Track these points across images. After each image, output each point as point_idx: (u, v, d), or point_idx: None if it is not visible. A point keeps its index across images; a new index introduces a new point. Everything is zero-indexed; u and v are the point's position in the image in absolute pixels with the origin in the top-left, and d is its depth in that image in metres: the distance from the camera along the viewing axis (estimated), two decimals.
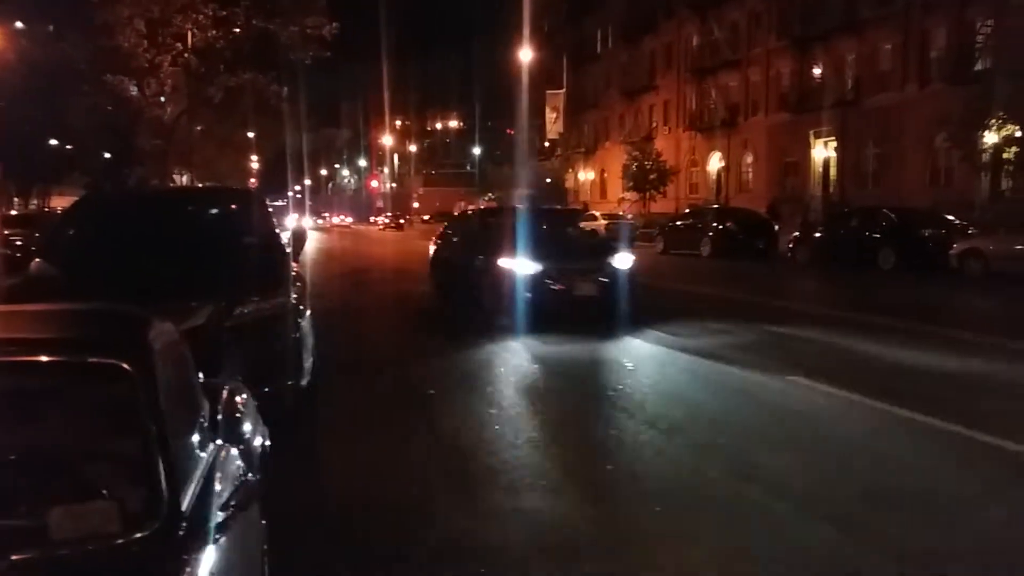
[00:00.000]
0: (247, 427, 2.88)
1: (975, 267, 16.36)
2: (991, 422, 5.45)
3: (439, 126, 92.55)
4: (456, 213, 39.90)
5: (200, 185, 30.05)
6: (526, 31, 46.59)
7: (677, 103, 46.05)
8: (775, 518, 3.96)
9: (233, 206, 7.22)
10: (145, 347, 2.14)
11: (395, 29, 74.72)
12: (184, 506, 1.91)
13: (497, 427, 5.59)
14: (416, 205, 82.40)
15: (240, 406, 2.96)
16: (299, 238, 7.00)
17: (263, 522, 2.61)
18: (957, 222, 19.64)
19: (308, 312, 6.05)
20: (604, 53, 54.27)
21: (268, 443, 3.09)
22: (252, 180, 49.46)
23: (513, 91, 55.47)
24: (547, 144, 59.10)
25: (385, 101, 76.89)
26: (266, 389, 4.35)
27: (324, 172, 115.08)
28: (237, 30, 26.44)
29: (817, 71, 34.20)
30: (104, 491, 1.88)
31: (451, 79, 79.20)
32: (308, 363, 5.76)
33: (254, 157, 47.92)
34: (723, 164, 41.05)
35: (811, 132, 35.36)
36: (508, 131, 66.35)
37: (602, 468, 4.73)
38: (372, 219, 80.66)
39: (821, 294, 15.50)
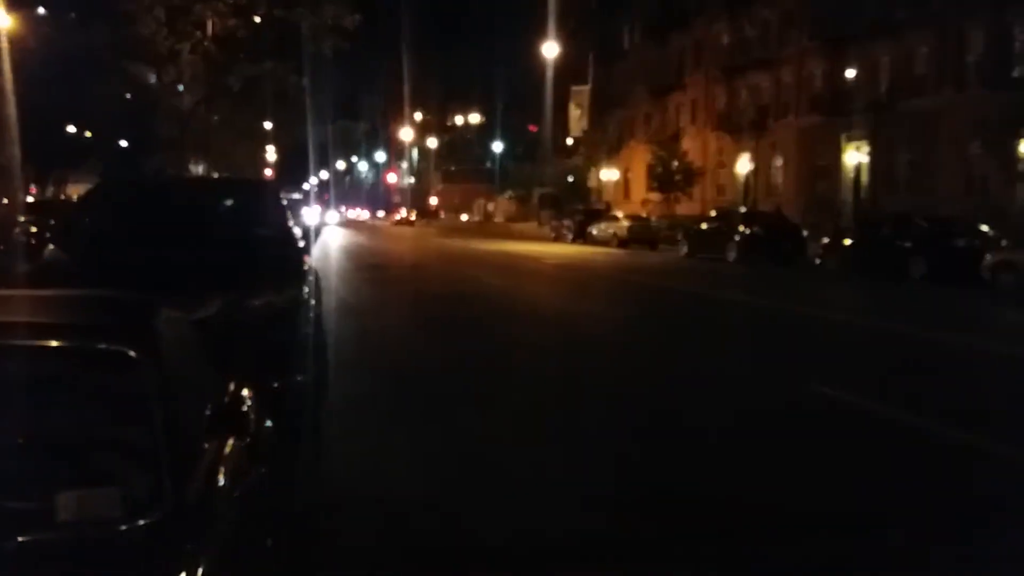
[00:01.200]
0: (254, 420, 2.83)
1: (1008, 280, 15.64)
2: None
3: (460, 121, 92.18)
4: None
5: (216, 176, 29.92)
6: (551, 25, 46.11)
7: (705, 103, 45.27)
8: None
9: (248, 198, 7.25)
10: (153, 335, 2.19)
11: (417, 21, 74.52)
12: (188, 495, 1.93)
13: None
14: (434, 201, 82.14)
15: (248, 399, 2.92)
16: (315, 232, 6.68)
17: (270, 516, 2.61)
18: (991, 233, 19.00)
19: (321, 307, 5.74)
20: (631, 50, 53.54)
21: (275, 437, 3.05)
22: (268, 171, 49.33)
23: (537, 87, 54.97)
24: (570, 142, 58.45)
25: (405, 94, 76.63)
26: (275, 384, 4.34)
27: (342, 165, 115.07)
28: (257, 19, 26.12)
29: (850, 73, 33.33)
30: (110, 477, 1.91)
31: (473, 74, 78.64)
32: (319, 358, 5.71)
33: (270, 148, 47.77)
34: (752, 167, 40.25)
35: (843, 136, 34.57)
36: (531, 127, 65.80)
37: None
38: (381, 214, 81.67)
39: (839, 303, 14.90)
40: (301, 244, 6.52)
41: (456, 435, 5.40)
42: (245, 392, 2.97)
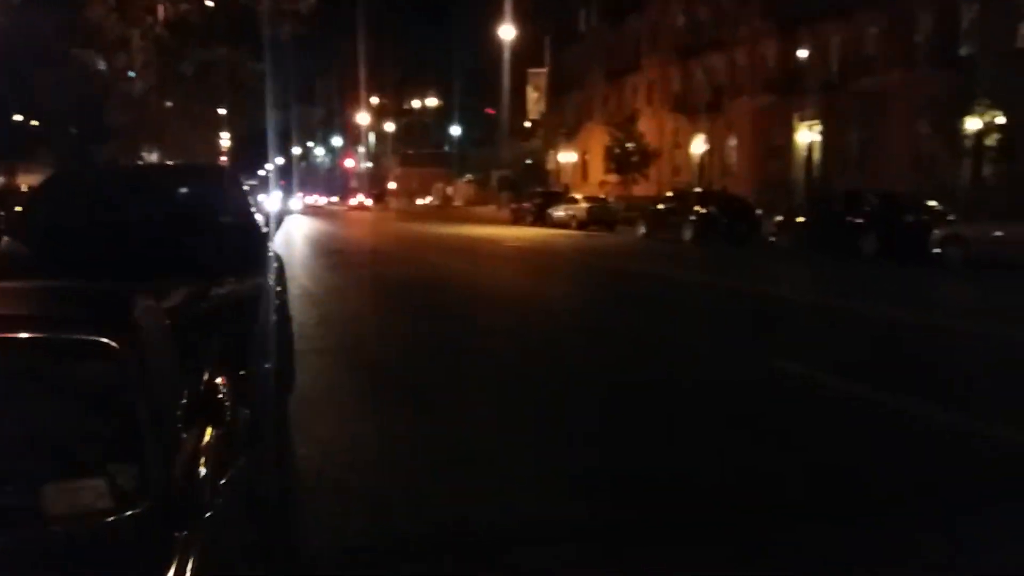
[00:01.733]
0: (229, 408, 2.82)
1: (955, 254, 16.23)
2: None
3: (417, 105, 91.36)
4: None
5: (174, 163, 29.45)
6: (508, 8, 45.99)
7: (661, 84, 45.69)
8: None
9: (208, 184, 7.09)
10: (132, 325, 2.16)
11: (372, 4, 73.60)
12: (174, 485, 1.95)
13: None
14: (393, 186, 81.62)
15: (221, 387, 2.89)
16: (277, 218, 6.69)
17: (252, 504, 2.63)
18: (939, 208, 19.56)
19: (286, 294, 5.77)
20: (587, 32, 53.72)
21: (250, 424, 3.07)
22: (222, 158, 48.52)
23: (494, 70, 54.82)
24: (528, 125, 58.54)
25: (361, 78, 75.81)
26: (242, 372, 4.15)
27: (297, 150, 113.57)
28: (211, 3, 25.65)
29: (802, 54, 33.94)
30: (96, 469, 1.90)
31: (430, 57, 78.02)
32: (285, 347, 5.69)
33: (225, 134, 47.01)
34: (707, 147, 40.77)
35: (795, 116, 35.24)
36: (488, 111, 65.67)
37: None
38: (335, 199, 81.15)
39: (796, 280, 15.34)
40: (264, 231, 6.54)
41: (427, 419, 5.47)
42: (219, 381, 2.96)
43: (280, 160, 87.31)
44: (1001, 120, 24.44)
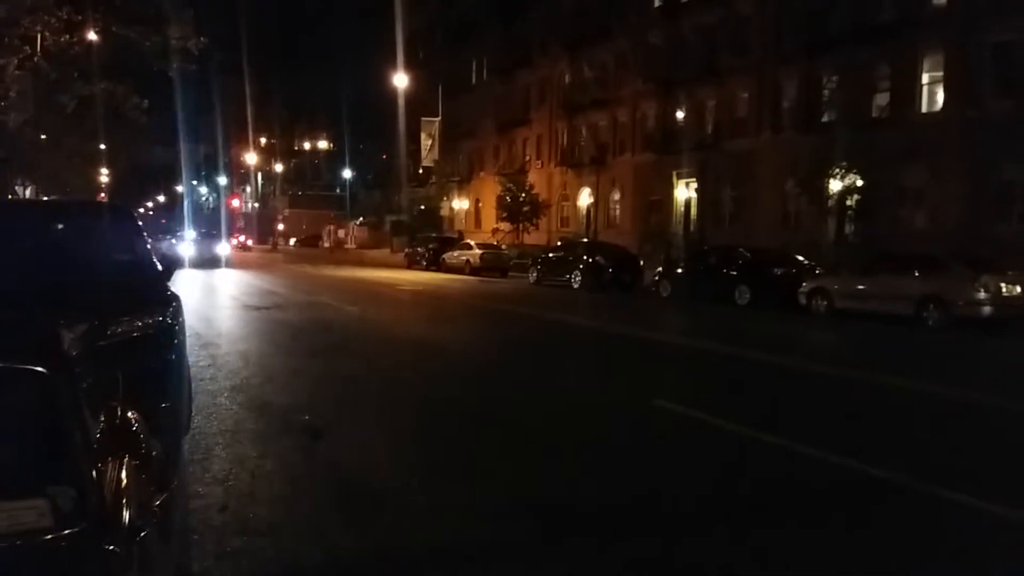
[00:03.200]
0: (144, 440, 2.90)
1: (821, 305, 17.57)
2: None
3: (307, 146, 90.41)
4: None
5: (65, 199, 28.01)
6: (400, 57, 46.63)
7: (549, 138, 47.23)
8: None
9: (104, 221, 7.06)
10: (62, 352, 2.29)
11: (262, 45, 72.90)
12: (107, 507, 2.04)
13: None
14: (281, 227, 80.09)
15: (133, 420, 2.96)
16: (172, 258, 6.68)
17: (168, 532, 2.73)
18: (806, 262, 21.00)
19: (184, 334, 5.78)
20: (479, 84, 55.05)
21: (164, 456, 3.14)
22: (101, 194, 46.49)
23: (386, 115, 55.18)
24: (421, 171, 59.11)
25: (249, 117, 74.56)
26: (141, 410, 4.22)
27: (180, 188, 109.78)
28: (94, 36, 24.84)
29: (680, 114, 35.99)
30: (37, 490, 1.97)
31: (321, 99, 77.69)
32: (183, 385, 5.66)
33: (104, 170, 45.12)
34: (592, 200, 42.36)
35: (674, 172, 37.10)
36: (382, 156, 65.85)
37: None
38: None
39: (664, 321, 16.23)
40: (159, 269, 6.49)
41: (322, 459, 5.61)
42: (130, 414, 3.01)
43: (161, 197, 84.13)
44: (859, 183, 26.65)
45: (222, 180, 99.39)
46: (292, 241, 74.83)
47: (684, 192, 37.27)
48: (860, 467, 5.55)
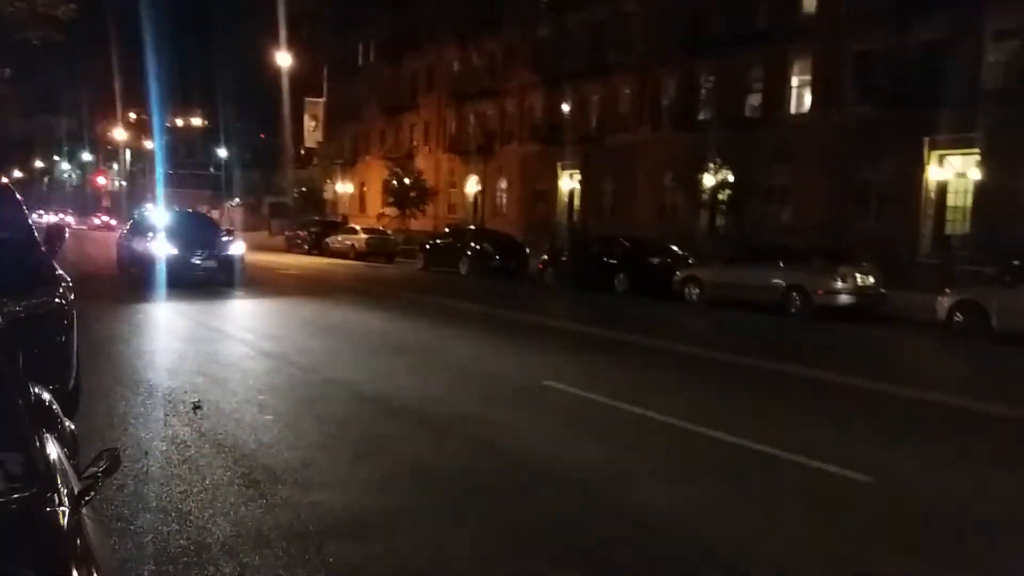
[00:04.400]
0: (59, 416, 2.93)
1: (693, 293, 18.61)
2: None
3: (180, 123, 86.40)
4: None
5: None
6: (283, 35, 45.38)
7: (437, 125, 47.22)
8: None
9: None
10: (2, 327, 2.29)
11: (132, 15, 69.07)
12: (54, 471, 2.08)
13: None
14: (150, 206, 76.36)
15: (46, 398, 2.97)
16: (56, 235, 6.49)
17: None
18: (680, 252, 22.06)
19: (75, 312, 5.68)
20: (366, 67, 54.27)
21: (74, 429, 3.15)
22: None
23: (267, 94, 53.54)
24: (303, 152, 57.75)
25: (117, 92, 70.51)
26: (53, 386, 4.19)
27: (40, 164, 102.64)
28: None
29: (566, 107, 36.84)
30: None
31: (196, 75, 74.42)
32: (74, 364, 5.58)
33: None
34: (480, 188, 42.72)
35: (559, 164, 37.96)
36: (260, 135, 63.88)
37: None
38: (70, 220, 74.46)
39: (550, 307, 16.85)
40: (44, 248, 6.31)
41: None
42: (38, 389, 2.99)
43: (18, 173, 78.63)
44: (731, 178, 28.19)
45: (86, 156, 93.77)
46: None
47: (568, 183, 38.22)
48: (732, 440, 6.15)
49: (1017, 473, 5.76)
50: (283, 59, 43.88)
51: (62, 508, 1.95)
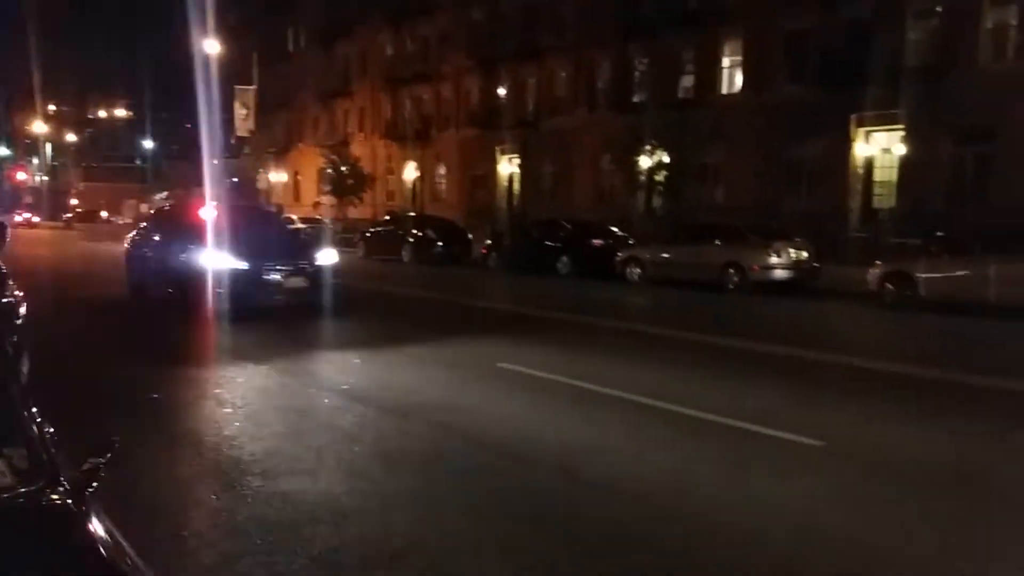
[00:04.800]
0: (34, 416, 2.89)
1: (634, 273, 18.94)
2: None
3: (103, 114, 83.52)
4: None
5: None
6: (210, 22, 44.13)
7: (373, 111, 46.61)
8: None
9: None
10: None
11: (53, 4, 66.43)
12: (56, 464, 2.10)
13: None
14: (75, 202, 73.65)
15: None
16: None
17: None
18: (621, 234, 22.37)
19: (23, 310, 5.53)
20: (296, 53, 53.21)
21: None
22: None
23: (192, 83, 52.03)
24: (234, 141, 56.44)
25: (35, 84, 67.70)
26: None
27: None
28: None
29: (502, 92, 36.79)
30: None
31: (117, 65, 72.11)
32: (25, 366, 5.42)
33: None
34: (418, 174, 42.41)
35: (497, 148, 37.93)
36: (187, 125, 62.18)
37: None
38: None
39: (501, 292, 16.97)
40: None
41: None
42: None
43: None
44: (667, 160, 28.59)
45: (3, 151, 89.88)
46: (66, 217, 65.33)
47: (507, 167, 38.24)
48: (687, 412, 6.34)
49: (958, 428, 6.09)
50: (210, 47, 42.67)
51: (68, 500, 1.99)
